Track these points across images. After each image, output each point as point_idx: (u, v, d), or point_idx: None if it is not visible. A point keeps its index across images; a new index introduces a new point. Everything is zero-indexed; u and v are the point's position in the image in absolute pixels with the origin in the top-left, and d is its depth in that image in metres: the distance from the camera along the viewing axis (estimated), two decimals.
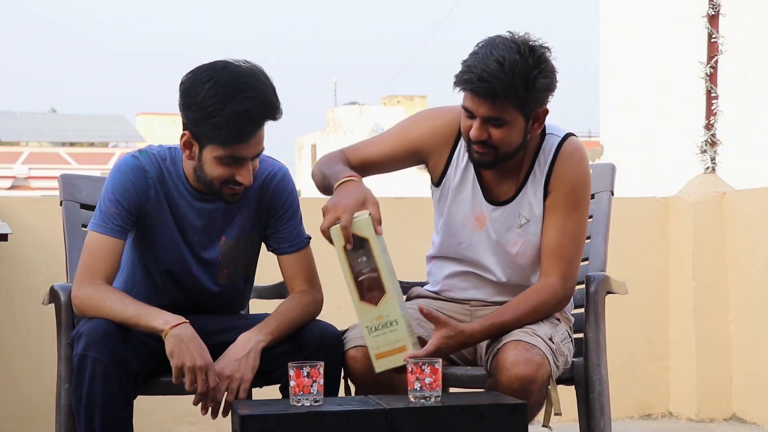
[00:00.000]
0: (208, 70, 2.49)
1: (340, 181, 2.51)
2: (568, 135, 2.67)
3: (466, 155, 2.67)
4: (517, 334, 2.51)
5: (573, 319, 2.79)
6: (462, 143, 2.67)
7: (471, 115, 2.55)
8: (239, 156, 2.49)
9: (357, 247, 2.41)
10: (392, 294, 2.42)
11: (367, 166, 2.69)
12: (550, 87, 2.55)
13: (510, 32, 2.55)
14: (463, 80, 2.52)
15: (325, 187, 2.62)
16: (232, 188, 2.54)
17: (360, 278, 2.43)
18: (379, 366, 2.46)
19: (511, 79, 2.47)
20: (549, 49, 2.55)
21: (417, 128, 2.72)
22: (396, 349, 2.44)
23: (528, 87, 2.49)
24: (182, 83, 2.51)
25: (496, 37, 2.54)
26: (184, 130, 2.52)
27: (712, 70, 4.73)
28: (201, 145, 2.50)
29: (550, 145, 2.65)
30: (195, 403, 2.48)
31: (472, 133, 2.55)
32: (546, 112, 2.59)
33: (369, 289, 2.43)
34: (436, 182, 2.73)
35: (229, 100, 2.44)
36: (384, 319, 2.43)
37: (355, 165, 2.66)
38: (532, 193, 2.65)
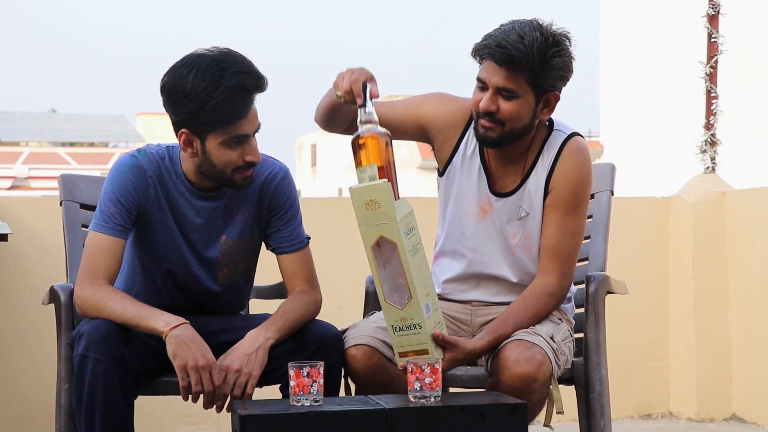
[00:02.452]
0: (183, 64, 2.50)
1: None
2: (573, 134, 2.67)
3: (474, 144, 2.68)
4: (518, 333, 2.52)
5: (574, 322, 2.79)
6: (470, 132, 2.68)
7: (483, 86, 2.57)
8: (242, 134, 2.50)
9: (386, 247, 2.39)
10: (418, 299, 2.40)
11: None
12: (565, 69, 2.57)
13: (534, 18, 2.58)
14: (481, 46, 2.55)
15: (331, 105, 2.62)
16: (244, 172, 2.54)
17: (388, 279, 2.42)
18: (401, 362, 2.46)
19: (529, 52, 2.50)
20: (569, 39, 2.57)
21: (428, 105, 2.72)
22: (418, 351, 2.44)
23: (544, 63, 2.52)
24: (163, 85, 2.51)
25: (520, 18, 2.58)
26: (178, 129, 2.52)
27: (712, 70, 4.73)
28: (202, 138, 2.50)
29: (555, 141, 2.66)
30: (205, 407, 2.48)
31: (482, 103, 2.56)
32: (557, 98, 2.60)
33: (396, 290, 2.42)
34: (441, 171, 2.74)
35: (218, 81, 2.44)
36: (408, 321, 2.42)
37: None
38: (534, 187, 2.66)
